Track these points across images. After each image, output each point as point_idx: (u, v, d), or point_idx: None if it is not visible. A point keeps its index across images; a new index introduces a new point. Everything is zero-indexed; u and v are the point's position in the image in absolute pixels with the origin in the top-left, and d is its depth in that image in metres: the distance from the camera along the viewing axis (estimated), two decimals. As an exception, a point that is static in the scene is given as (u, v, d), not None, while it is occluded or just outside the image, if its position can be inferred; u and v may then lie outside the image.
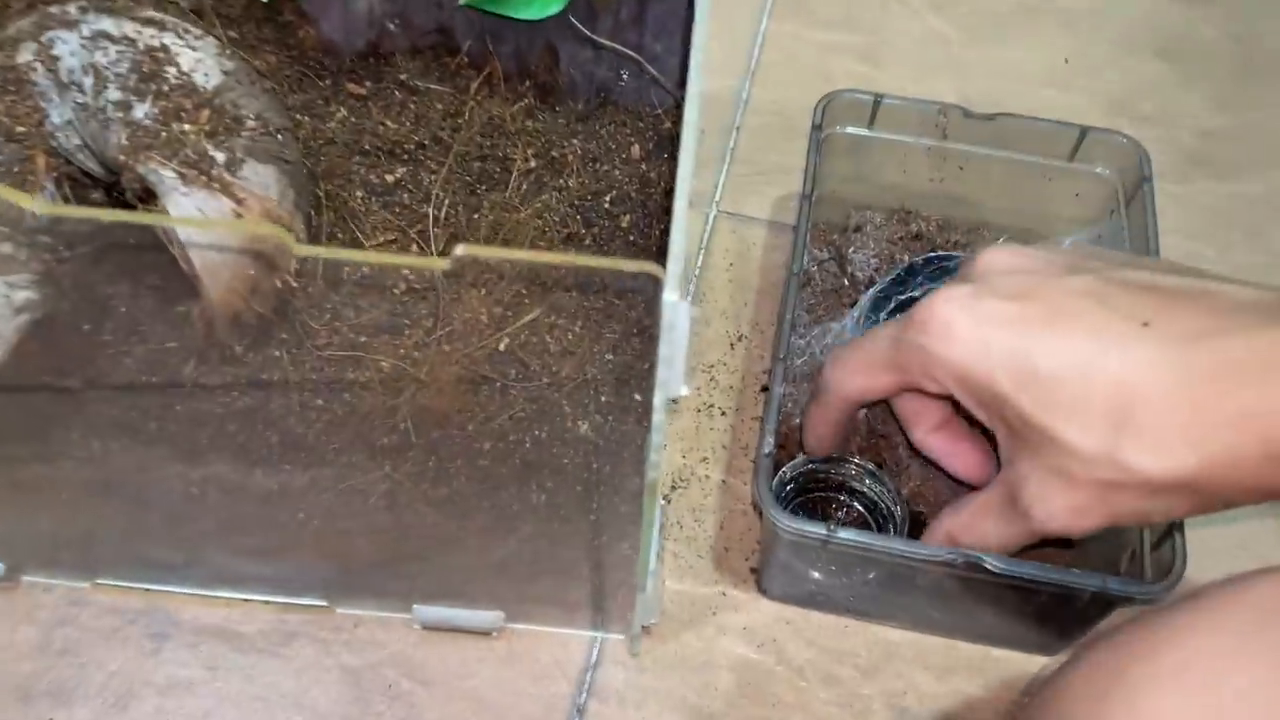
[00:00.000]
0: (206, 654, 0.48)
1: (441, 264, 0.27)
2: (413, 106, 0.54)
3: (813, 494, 0.51)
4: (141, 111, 0.42)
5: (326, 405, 0.45)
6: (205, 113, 0.43)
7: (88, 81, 0.43)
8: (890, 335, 0.42)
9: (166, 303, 0.45)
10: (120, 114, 0.42)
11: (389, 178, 0.52)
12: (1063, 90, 0.73)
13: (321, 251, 0.28)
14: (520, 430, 0.46)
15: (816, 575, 0.48)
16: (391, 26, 0.55)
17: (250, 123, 0.44)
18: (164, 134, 0.42)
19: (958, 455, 0.46)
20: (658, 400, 0.30)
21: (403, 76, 0.54)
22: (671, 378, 0.30)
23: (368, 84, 0.55)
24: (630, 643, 0.48)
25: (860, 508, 0.50)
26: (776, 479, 0.49)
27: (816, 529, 0.42)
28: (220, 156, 0.42)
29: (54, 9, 0.46)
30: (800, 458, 0.50)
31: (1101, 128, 0.55)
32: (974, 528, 0.42)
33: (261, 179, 0.44)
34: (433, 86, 0.54)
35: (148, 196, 0.43)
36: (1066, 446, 0.37)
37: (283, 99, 0.52)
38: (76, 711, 0.46)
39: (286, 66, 0.54)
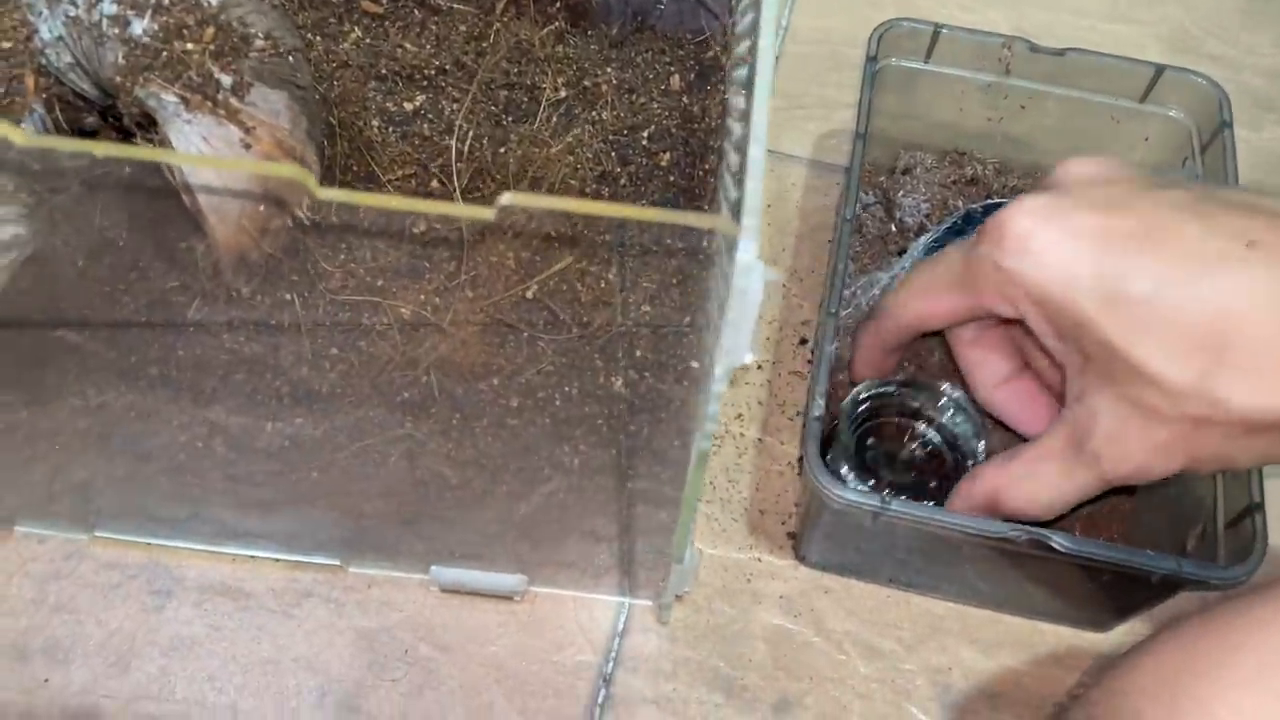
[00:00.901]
0: (212, 613, 0.45)
1: (485, 214, 0.24)
2: (434, 27, 0.49)
3: (884, 419, 0.46)
4: (139, 27, 0.38)
5: (342, 354, 0.42)
6: (210, 30, 0.39)
7: (79, -8, 0.39)
8: (959, 253, 0.38)
9: (168, 239, 0.41)
10: (116, 30, 0.38)
11: (407, 106, 0.48)
12: (1123, 24, 0.68)
13: (347, 196, 0.24)
14: (549, 386, 0.42)
15: (862, 544, 0.45)
16: (411, -62, 0.50)
17: (259, 42, 0.40)
18: (165, 54, 0.38)
19: (1026, 412, 0.42)
20: (720, 369, 0.27)
21: (423, -7, 0.50)
22: (738, 345, 0.26)
23: (384, 1, 0.51)
24: (661, 610, 0.46)
25: (937, 440, 0.45)
26: (850, 398, 0.45)
27: (870, 500, 0.39)
28: (226, 80, 0.38)
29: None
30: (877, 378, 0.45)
31: (1179, 67, 0.51)
32: (1028, 480, 0.38)
33: (271, 105, 0.40)
34: (456, 5, 0.50)
35: (147, 122, 0.39)
36: (1153, 377, 0.33)
37: (292, 16, 0.48)
38: (74, 672, 0.44)
39: (296, -19, 0.49)
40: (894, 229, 0.55)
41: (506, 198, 0.24)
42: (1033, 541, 0.39)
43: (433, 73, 0.49)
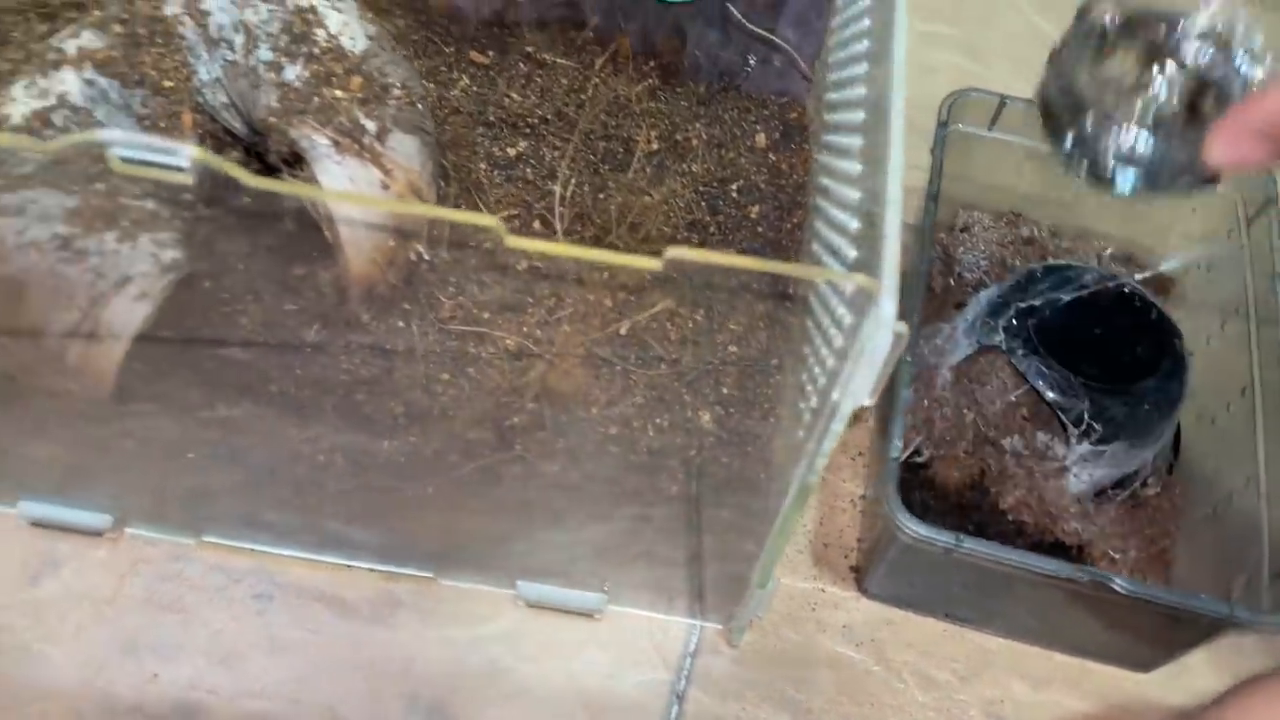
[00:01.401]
0: (311, 618, 0.48)
1: (654, 264, 0.27)
2: (539, 79, 0.53)
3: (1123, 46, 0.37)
4: (292, 74, 0.42)
5: (453, 379, 0.45)
6: (357, 80, 0.42)
7: (238, 39, 0.42)
8: None
9: (299, 267, 0.45)
10: (272, 75, 0.42)
11: (511, 151, 0.52)
12: (1166, 99, 0.72)
13: (534, 245, 0.27)
14: (642, 417, 0.46)
15: (925, 579, 0.48)
16: (519, -4, 0.54)
17: (395, 91, 0.44)
18: (316, 99, 0.41)
19: None
20: (844, 409, 0.30)
21: (529, 49, 0.53)
22: (861, 389, 0.30)
23: (491, 53, 0.54)
24: (732, 633, 0.48)
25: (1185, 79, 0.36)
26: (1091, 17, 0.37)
27: (944, 537, 0.42)
28: (371, 125, 0.42)
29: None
30: None
31: (1227, 145, 0.54)
32: None
33: (405, 149, 0.43)
34: (559, 60, 0.53)
35: (293, 159, 0.43)
36: None
37: (410, 63, 0.52)
38: (181, 668, 0.47)
39: (413, 31, 0.53)
40: (953, 283, 0.58)
41: (673, 251, 0.27)
42: (1095, 582, 0.42)
43: (536, 121, 0.52)
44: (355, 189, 0.41)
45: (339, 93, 0.42)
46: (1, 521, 0.49)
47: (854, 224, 0.34)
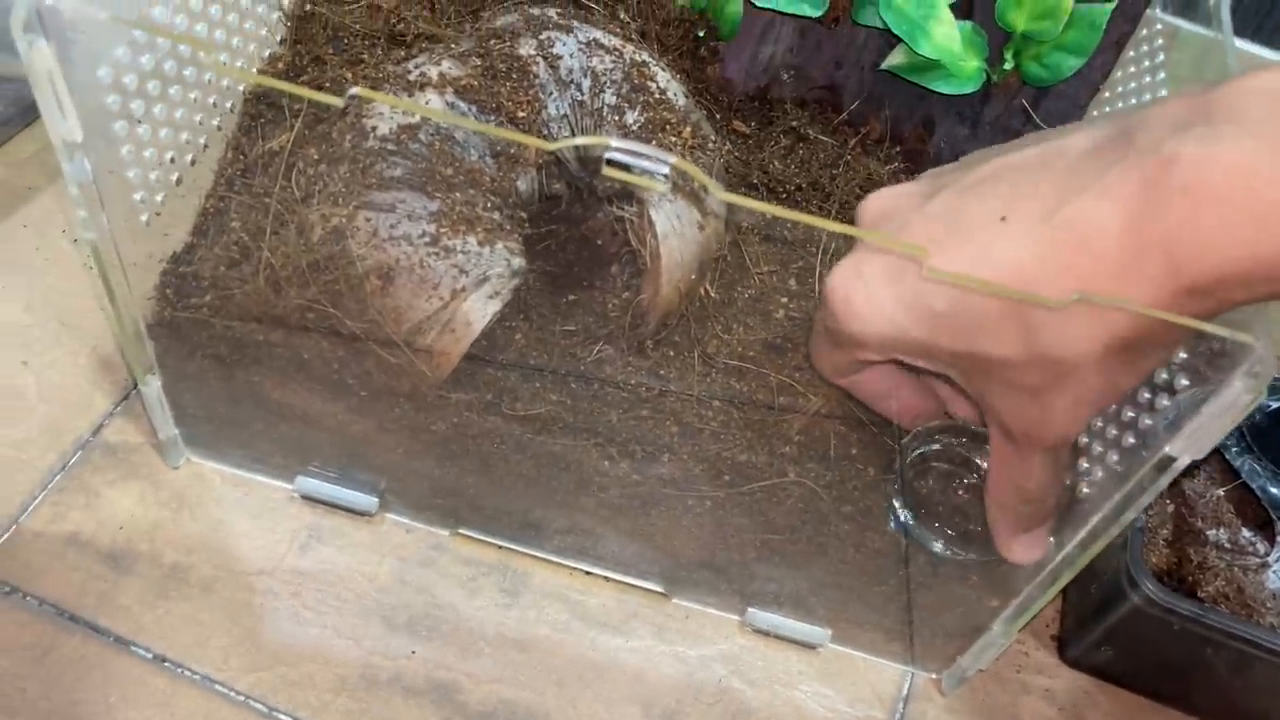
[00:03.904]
0: (552, 618, 0.51)
1: (1054, 303, 0.31)
2: (800, 151, 0.58)
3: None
4: (631, 118, 0.47)
5: (722, 407, 0.49)
6: (688, 129, 0.47)
7: (586, 83, 0.47)
8: (818, 321, 0.43)
9: (604, 286, 0.49)
10: (615, 118, 0.47)
11: (769, 216, 0.57)
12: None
13: (958, 278, 0.31)
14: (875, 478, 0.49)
15: (1130, 650, 0.50)
16: (785, 76, 0.59)
17: (710, 146, 0.49)
18: (654, 142, 0.46)
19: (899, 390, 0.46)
20: (1182, 462, 0.34)
21: (794, 123, 0.59)
22: (1203, 446, 0.33)
23: (752, 124, 0.60)
24: (947, 682, 0.51)
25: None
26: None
27: (1189, 606, 0.45)
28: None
29: (534, 10, 0.51)
30: None
31: None
32: (1006, 485, 0.41)
33: (713, 199, 0.48)
34: (820, 137, 0.58)
35: (617, 196, 0.48)
36: (999, 362, 0.36)
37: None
38: (435, 649, 0.50)
39: (693, 96, 0.58)
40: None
41: (1077, 294, 0.32)
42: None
43: (792, 188, 0.57)
44: (680, 226, 0.46)
45: (674, 138, 0.46)
46: (275, 493, 0.53)
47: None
